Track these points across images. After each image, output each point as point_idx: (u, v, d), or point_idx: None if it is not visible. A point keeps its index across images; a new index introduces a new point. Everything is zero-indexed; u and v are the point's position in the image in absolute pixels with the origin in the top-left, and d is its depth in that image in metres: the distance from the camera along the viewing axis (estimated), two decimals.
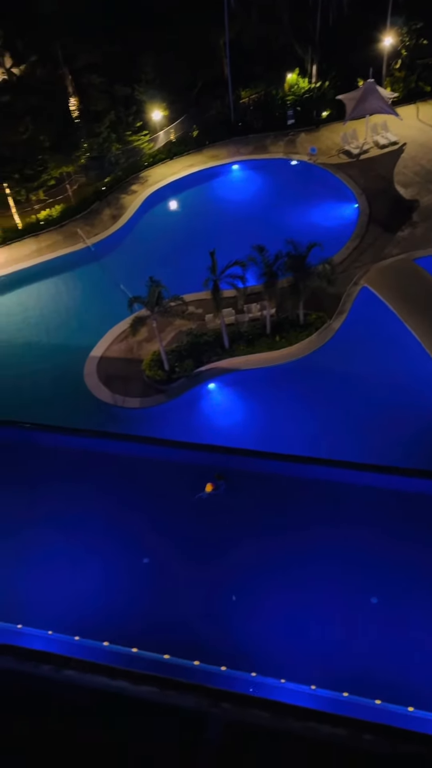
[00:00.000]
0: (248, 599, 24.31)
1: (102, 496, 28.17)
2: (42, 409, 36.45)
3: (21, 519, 27.32)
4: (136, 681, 17.55)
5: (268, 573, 25.05)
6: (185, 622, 23.58)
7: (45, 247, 49.41)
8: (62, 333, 42.98)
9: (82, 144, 51.55)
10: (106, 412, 36.40)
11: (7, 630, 23.12)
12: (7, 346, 42.35)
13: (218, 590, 24.74)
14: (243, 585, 24.77)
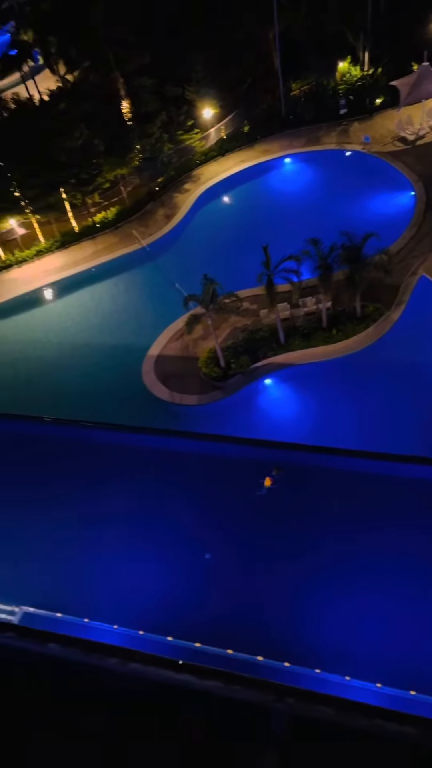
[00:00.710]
0: (313, 596, 24.15)
1: (163, 492, 28.54)
2: (102, 407, 37.24)
3: (86, 516, 27.97)
4: (200, 675, 17.65)
5: (332, 569, 24.81)
6: (247, 618, 23.64)
7: (102, 250, 50.34)
8: (121, 333, 43.74)
9: (135, 146, 52.19)
10: (164, 409, 36.83)
11: (75, 623, 23.75)
12: (69, 347, 43.45)
13: (281, 586, 24.68)
14: (307, 581, 24.63)
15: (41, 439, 32.39)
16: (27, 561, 26.40)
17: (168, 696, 18.15)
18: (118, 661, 19.47)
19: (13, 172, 47.06)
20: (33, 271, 49.61)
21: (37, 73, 70.01)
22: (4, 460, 31.34)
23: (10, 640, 20.32)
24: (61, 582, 25.57)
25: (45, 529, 27.55)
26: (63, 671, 19.74)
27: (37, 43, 62.30)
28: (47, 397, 39.91)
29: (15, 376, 42.30)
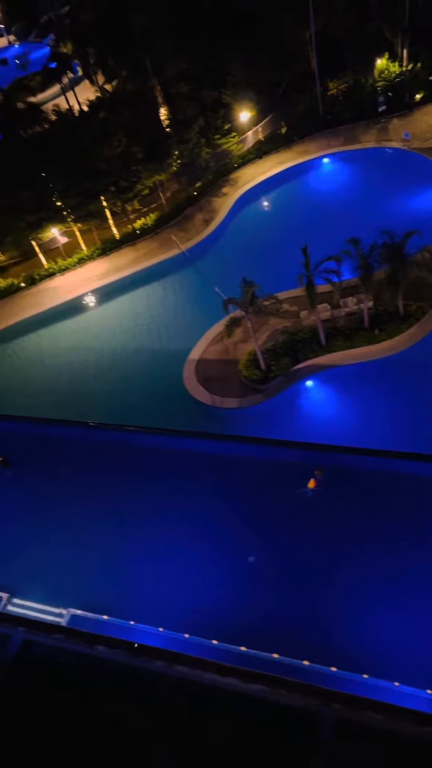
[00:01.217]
0: (360, 600, 23.82)
1: (207, 495, 28.59)
2: (144, 411, 37.61)
3: (131, 520, 28.22)
4: (245, 679, 17.67)
5: (379, 573, 24.43)
6: (293, 622, 23.47)
7: (142, 255, 50.91)
8: (161, 337, 44.14)
9: (174, 152, 52.64)
10: (205, 413, 36.95)
11: (121, 626, 23.99)
12: (110, 352, 44.06)
13: (327, 590, 24.41)
14: (353, 585, 24.31)
15: (85, 444, 32.89)
16: (74, 564, 26.81)
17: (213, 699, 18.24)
18: (165, 664, 19.68)
19: (55, 182, 48.03)
20: (75, 279, 50.51)
21: (77, 84, 71.48)
22: (51, 463, 31.91)
23: (59, 641, 20.76)
24: (107, 585, 25.88)
25: (91, 533, 27.93)
26: (111, 672, 20.04)
27: (76, 55, 63.63)
28: (90, 401, 40.53)
29: (59, 382, 43.11)
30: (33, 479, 31.03)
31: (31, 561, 27.17)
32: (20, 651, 19.97)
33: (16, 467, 31.46)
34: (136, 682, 19.87)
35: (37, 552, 27.48)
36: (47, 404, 40.91)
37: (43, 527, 28.51)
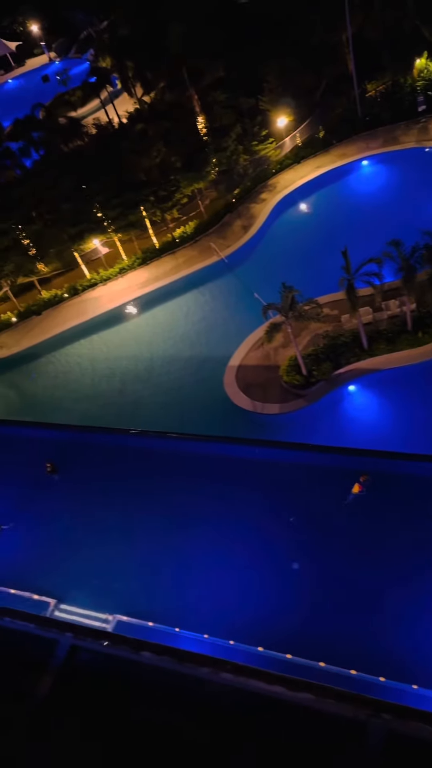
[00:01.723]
0: (409, 608, 23.34)
1: (251, 502, 28.48)
2: (185, 418, 37.85)
3: (174, 526, 28.30)
4: (291, 687, 17.45)
5: (426, 581, 23.90)
6: (339, 630, 23.15)
7: (182, 263, 51.32)
8: (202, 344, 44.36)
9: (212, 160, 53.01)
10: (247, 419, 36.91)
11: (166, 632, 24.09)
12: (151, 360, 44.53)
13: (375, 598, 24.01)
14: (402, 593, 23.84)
15: (128, 450, 33.18)
16: (119, 570, 27.06)
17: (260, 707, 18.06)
18: (210, 671, 19.59)
19: (96, 194, 48.90)
20: (117, 288, 51.28)
21: (116, 97, 72.67)
22: (96, 470, 32.27)
23: (105, 647, 20.91)
24: (152, 591, 26.02)
25: (136, 539, 28.15)
26: (157, 679, 20.07)
27: (114, 69, 64.81)
28: (132, 408, 41.03)
29: (101, 389, 43.77)
30: (79, 485, 31.49)
31: (78, 567, 27.53)
32: (68, 656, 20.20)
33: (63, 473, 31.99)
34: (182, 689, 19.87)
35: (83, 558, 27.84)
36: (91, 411, 41.61)
37: (90, 533, 28.85)
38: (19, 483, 32.28)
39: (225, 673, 19.57)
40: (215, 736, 17.99)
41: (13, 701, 20.38)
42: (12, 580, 27.19)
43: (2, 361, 49.36)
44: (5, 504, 31.01)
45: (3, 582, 27.19)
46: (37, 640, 21.77)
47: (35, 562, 28.27)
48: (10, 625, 22.39)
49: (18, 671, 21.39)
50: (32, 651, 21.71)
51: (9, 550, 29.11)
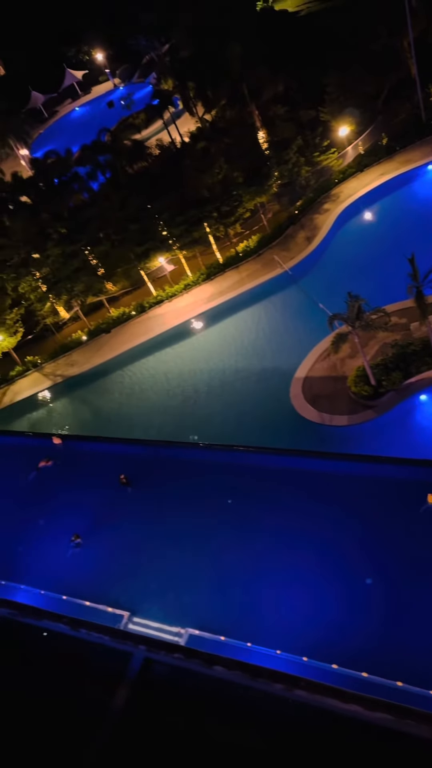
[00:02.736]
0: None
1: (323, 517, 28.08)
2: (252, 431, 37.77)
3: (246, 541, 28.19)
4: (368, 706, 17.04)
5: None
6: (415, 649, 22.38)
7: (246, 277, 51.56)
8: (267, 357, 44.30)
9: (273, 173, 53.17)
10: (314, 431, 36.48)
11: (238, 647, 23.97)
12: (217, 373, 44.81)
13: None
14: None
15: (198, 464, 33.45)
16: (191, 584, 27.18)
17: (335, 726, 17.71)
18: (284, 687, 19.40)
19: (161, 213, 49.94)
20: (182, 304, 52.01)
21: (178, 117, 74.26)
22: (168, 484, 32.63)
23: (178, 660, 21.08)
24: (224, 605, 25.99)
25: (207, 553, 28.24)
26: (229, 693, 20.03)
27: (176, 90, 66.32)
28: (199, 421, 41.34)
29: (170, 403, 44.37)
30: (151, 499, 31.90)
31: (150, 580, 27.86)
32: (142, 669, 20.49)
33: (135, 487, 32.53)
34: (256, 705, 19.73)
35: (155, 571, 28.16)
36: (160, 425, 42.21)
37: (162, 546, 29.17)
38: (93, 497, 33.08)
39: (299, 690, 19.33)
40: (289, 755, 17.74)
41: (91, 712, 20.82)
42: (87, 593, 27.77)
43: (75, 379, 50.90)
44: (81, 518, 31.79)
45: (78, 594, 27.81)
46: (112, 653, 22.26)
47: (109, 575, 28.81)
48: (87, 637, 22.98)
49: (95, 682, 21.89)
50: (108, 663, 22.19)
51: (84, 562, 29.81)
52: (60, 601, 27.91)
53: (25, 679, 22.58)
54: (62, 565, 30.19)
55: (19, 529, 32.90)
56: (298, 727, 18.66)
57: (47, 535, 32.08)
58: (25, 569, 30.43)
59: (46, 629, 23.72)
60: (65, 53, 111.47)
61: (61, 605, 27.50)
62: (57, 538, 31.52)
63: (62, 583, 28.88)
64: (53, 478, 35.40)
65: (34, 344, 56.08)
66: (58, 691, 21.69)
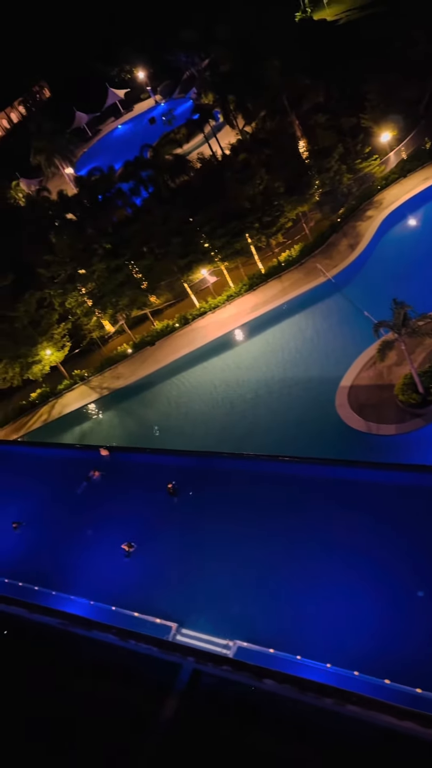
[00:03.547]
0: None
1: (373, 529, 27.53)
2: (297, 441, 37.46)
3: (295, 553, 27.86)
4: (425, 723, 16.55)
5: None
6: None
7: (288, 287, 51.44)
8: (312, 366, 43.96)
9: (315, 182, 53.02)
10: (361, 441, 35.95)
11: (287, 660, 23.66)
12: (263, 383, 44.70)
13: None
14: None
15: (244, 474, 33.27)
16: (239, 595, 26.99)
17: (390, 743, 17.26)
18: (334, 702, 19.05)
19: (203, 225, 50.36)
20: (225, 315, 52.22)
21: (218, 130, 74.99)
22: (215, 494, 32.53)
23: (227, 672, 20.95)
24: (272, 617, 25.68)
25: (255, 564, 28.01)
26: (278, 707, 19.79)
27: (217, 104, 67.03)
28: (244, 431, 41.25)
29: (214, 413, 44.47)
30: (198, 510, 31.84)
31: (198, 591, 27.78)
32: (191, 681, 20.46)
33: (182, 497, 32.59)
34: (306, 720, 19.42)
35: (203, 582, 28.07)
36: (205, 436, 42.33)
37: (209, 557, 29.08)
38: (140, 508, 33.31)
39: (350, 705, 18.93)
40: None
41: (140, 722, 20.89)
42: (135, 603, 27.89)
43: (120, 391, 51.62)
44: (129, 528, 32.02)
45: (127, 605, 27.96)
46: (161, 664, 22.28)
47: (157, 585, 28.87)
48: (136, 648, 23.09)
49: (144, 693, 21.96)
50: (157, 674, 22.22)
51: (132, 573, 29.99)
52: (109, 611, 28.14)
53: (76, 689, 22.83)
54: (111, 575, 30.44)
55: (69, 540, 33.39)
56: (349, 743, 18.28)
57: (96, 546, 32.44)
58: (75, 580, 30.82)
59: (95, 639, 23.95)
60: (108, 73, 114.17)
61: (111, 616, 27.72)
62: (106, 548, 31.83)
63: (111, 593, 29.09)
64: (101, 489, 35.82)
65: (81, 358, 57.20)
66: (108, 702, 21.84)
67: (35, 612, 25.57)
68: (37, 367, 52.32)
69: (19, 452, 45.53)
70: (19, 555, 33.79)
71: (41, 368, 52.67)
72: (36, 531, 35.02)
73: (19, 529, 35.51)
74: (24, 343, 50.85)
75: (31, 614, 25.49)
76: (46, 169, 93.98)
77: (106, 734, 20.72)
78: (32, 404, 54.19)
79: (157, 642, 22.57)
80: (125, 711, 21.13)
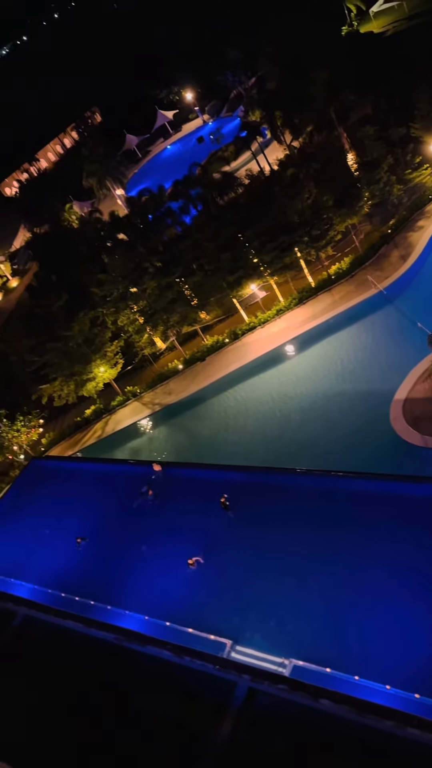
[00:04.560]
0: None
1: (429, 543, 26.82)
2: (351, 455, 36.89)
3: (355, 570, 27.33)
4: None
5: None
6: None
7: (338, 300, 51.01)
8: (364, 379, 43.36)
9: (364, 194, 52.63)
10: (417, 455, 35.12)
11: (345, 680, 23.17)
12: (314, 397, 44.33)
13: None
14: None
15: (298, 490, 32.96)
16: (295, 612, 26.62)
17: None
18: (394, 725, 18.47)
19: (252, 241, 50.61)
20: (275, 330, 52.18)
21: (266, 146, 75.54)
22: (270, 510, 32.26)
23: (283, 692, 20.63)
24: (329, 636, 25.18)
25: (311, 581, 27.60)
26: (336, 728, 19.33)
27: (264, 120, 67.56)
28: (298, 447, 40.91)
29: (267, 428, 44.31)
30: (253, 526, 31.54)
31: (253, 607, 27.53)
32: (247, 699, 20.20)
33: (236, 513, 32.45)
34: (365, 742, 18.89)
35: (257, 598, 27.80)
36: (256, 449, 42.20)
37: (263, 573, 28.81)
38: (193, 523, 33.35)
39: (412, 728, 18.31)
40: None
41: (196, 740, 20.74)
42: (189, 619, 27.88)
43: (172, 407, 52.09)
44: (183, 544, 32.08)
45: (181, 621, 27.96)
46: (216, 681, 22.06)
47: (210, 601, 28.80)
48: (190, 664, 22.98)
49: (199, 710, 21.79)
50: (212, 691, 22.04)
51: (186, 588, 30.02)
52: (163, 627, 28.19)
53: (131, 704, 22.89)
54: (165, 590, 30.53)
55: (121, 555, 33.72)
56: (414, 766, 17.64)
57: (150, 561, 32.65)
58: (129, 594, 31.05)
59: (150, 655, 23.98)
60: (156, 96, 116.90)
61: (164, 632, 27.75)
62: (159, 563, 32.00)
63: (165, 609, 29.15)
64: (154, 504, 36.10)
65: (133, 374, 58.14)
66: (163, 718, 21.78)
67: (91, 627, 25.81)
68: (91, 384, 53.39)
69: (74, 468, 46.44)
70: (75, 569, 34.32)
71: (95, 385, 53.71)
72: (90, 545, 35.51)
73: (81, 544, 35.48)
74: (78, 361, 52.04)
75: (87, 629, 25.73)
76: (98, 192, 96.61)
77: (162, 752, 20.65)
78: (87, 420, 55.29)
79: (213, 659, 22.39)
80: (181, 728, 21.02)
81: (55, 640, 26.58)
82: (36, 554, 36.56)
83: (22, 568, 35.61)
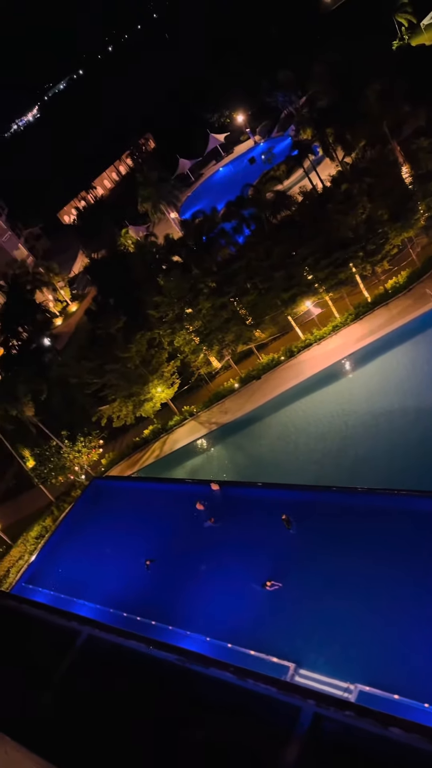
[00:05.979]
0: None
1: None
2: (414, 474, 35.87)
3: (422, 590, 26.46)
4: None
5: None
6: None
7: (396, 314, 50.10)
8: (425, 395, 42.24)
9: (419, 207, 51.75)
10: None
11: (414, 708, 22.28)
12: (373, 414, 43.48)
13: None
14: None
15: (360, 509, 32.28)
16: (361, 636, 25.89)
17: None
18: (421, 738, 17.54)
19: (306, 258, 50.46)
20: (331, 346, 51.61)
21: (318, 164, 75.47)
22: (331, 528, 31.71)
23: (350, 718, 20.00)
24: (397, 661, 24.34)
25: (378, 603, 26.84)
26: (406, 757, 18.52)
27: (315, 138, 67.64)
28: (360, 465, 40.11)
29: (324, 446, 43.65)
30: (316, 545, 30.95)
31: (317, 630, 26.89)
32: (312, 725, 19.62)
33: (298, 534, 31.95)
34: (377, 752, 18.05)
35: (321, 620, 27.16)
36: (315, 468, 41.60)
37: (328, 594, 28.18)
38: (253, 543, 33.05)
39: None
40: None
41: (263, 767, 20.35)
42: (252, 641, 27.49)
43: (228, 426, 52.08)
44: (243, 563, 31.83)
45: (243, 643, 27.60)
46: (280, 705, 21.56)
47: (273, 623, 28.35)
48: (254, 687, 22.65)
49: (264, 735, 21.41)
50: (276, 716, 21.59)
51: (248, 610, 29.66)
52: (225, 649, 27.88)
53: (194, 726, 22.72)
54: (226, 611, 30.27)
55: (182, 575, 33.70)
56: None
57: (210, 581, 32.49)
58: (190, 615, 30.94)
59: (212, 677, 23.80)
60: (208, 119, 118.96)
61: (226, 653, 27.43)
62: (220, 584, 31.79)
63: (226, 630, 28.85)
64: (214, 525, 35.99)
65: (190, 394, 58.54)
66: (227, 742, 21.50)
67: (153, 646, 25.84)
68: (148, 404, 54.05)
69: (133, 487, 46.97)
70: (135, 589, 34.51)
71: (152, 405, 54.35)
72: (150, 565, 35.65)
73: (150, 566, 35.08)
74: (136, 383, 52.85)
75: (149, 649, 25.78)
76: (152, 216, 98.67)
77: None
78: (145, 440, 55.93)
79: (276, 682, 21.95)
80: (246, 753, 20.61)
81: (119, 659, 26.67)
82: (97, 573, 37.01)
83: (84, 587, 36.10)
